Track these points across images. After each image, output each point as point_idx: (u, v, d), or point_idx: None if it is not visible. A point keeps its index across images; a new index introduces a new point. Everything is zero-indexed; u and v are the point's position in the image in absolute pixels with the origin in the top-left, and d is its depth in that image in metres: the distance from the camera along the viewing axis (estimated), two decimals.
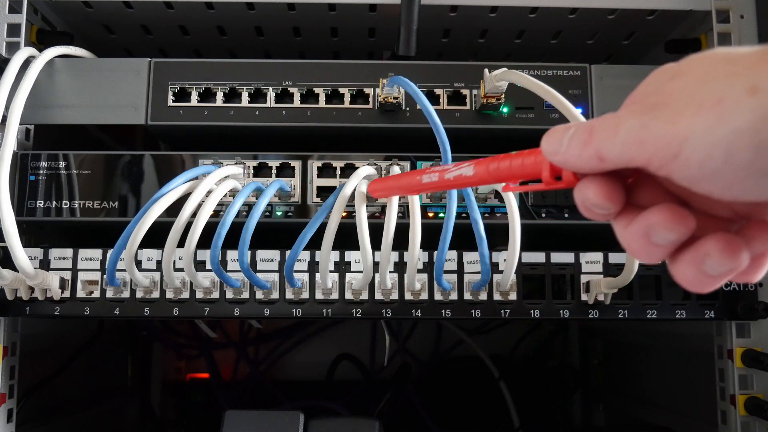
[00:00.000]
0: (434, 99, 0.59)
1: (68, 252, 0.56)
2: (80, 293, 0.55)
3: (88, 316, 0.55)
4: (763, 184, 0.23)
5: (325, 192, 0.58)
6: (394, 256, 0.56)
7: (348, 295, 0.56)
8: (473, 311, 0.56)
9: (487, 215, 0.57)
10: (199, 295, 0.55)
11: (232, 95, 0.59)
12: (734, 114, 0.22)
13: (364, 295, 0.56)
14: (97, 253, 0.56)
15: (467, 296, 0.56)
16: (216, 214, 0.56)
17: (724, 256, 0.25)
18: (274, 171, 0.58)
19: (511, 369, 0.99)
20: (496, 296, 0.56)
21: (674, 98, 0.24)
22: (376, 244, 0.50)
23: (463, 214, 0.52)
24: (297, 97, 0.59)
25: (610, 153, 0.26)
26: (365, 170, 0.54)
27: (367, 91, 0.59)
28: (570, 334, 1.05)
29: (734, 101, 0.22)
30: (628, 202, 0.28)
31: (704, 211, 0.27)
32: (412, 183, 0.41)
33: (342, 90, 0.59)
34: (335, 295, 0.56)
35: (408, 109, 0.59)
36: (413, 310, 0.56)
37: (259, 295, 0.56)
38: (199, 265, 0.55)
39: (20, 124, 0.54)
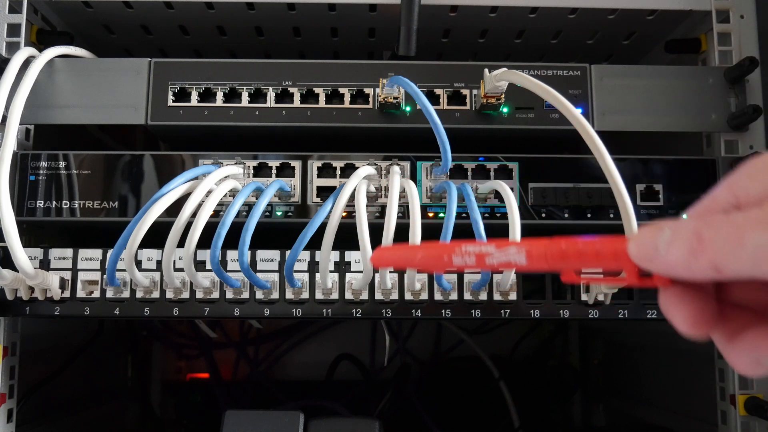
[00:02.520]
0: (434, 99, 0.59)
1: (68, 252, 0.56)
2: (80, 293, 0.55)
3: (88, 316, 0.55)
4: None
5: (325, 192, 0.58)
6: None
7: (348, 295, 0.56)
8: (473, 311, 0.56)
9: (487, 215, 0.57)
10: (199, 295, 0.55)
11: (232, 95, 0.59)
12: None
13: (364, 295, 0.56)
14: (97, 253, 0.56)
15: (467, 296, 0.56)
16: (216, 214, 0.56)
17: None
18: (274, 171, 0.58)
19: (511, 369, 0.99)
20: (496, 296, 0.56)
21: None
22: (376, 244, 0.49)
23: (463, 214, 0.52)
24: (297, 97, 0.59)
25: (731, 266, 0.23)
26: (365, 170, 0.54)
27: (367, 91, 0.59)
28: (570, 334, 1.05)
29: None
30: (721, 298, 0.26)
31: None
32: (438, 262, 0.31)
33: (342, 90, 0.59)
34: (335, 295, 0.56)
35: (408, 108, 0.59)
36: (413, 310, 0.56)
37: (259, 295, 0.56)
38: (199, 265, 0.55)
39: (20, 124, 0.54)
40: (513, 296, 0.56)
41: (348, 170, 0.58)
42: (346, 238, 0.51)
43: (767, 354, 0.25)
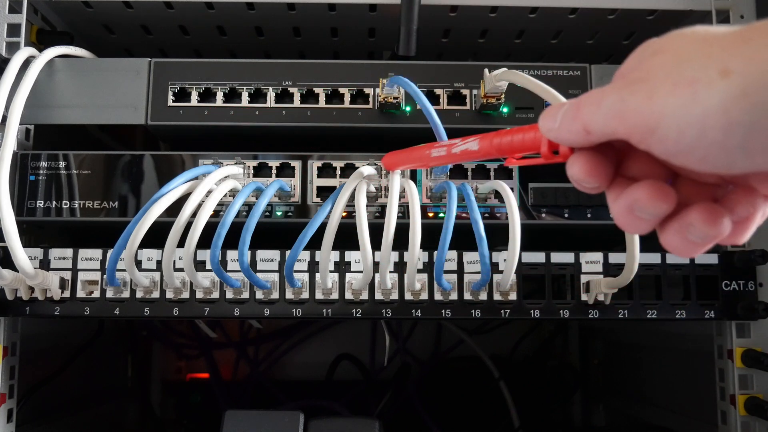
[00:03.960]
0: (434, 99, 0.59)
1: (68, 252, 0.56)
2: (80, 293, 0.55)
3: (88, 316, 0.55)
4: (734, 159, 0.24)
5: (325, 192, 0.58)
6: (394, 256, 0.56)
7: (348, 295, 0.56)
8: (473, 311, 0.56)
9: (487, 215, 0.57)
10: (199, 295, 0.55)
11: (232, 95, 0.59)
12: (706, 95, 0.23)
13: (364, 295, 0.56)
14: (97, 253, 0.56)
15: (467, 296, 0.56)
16: (216, 214, 0.56)
17: (706, 225, 0.27)
18: (274, 171, 0.58)
19: (511, 369, 0.99)
20: (496, 296, 0.56)
21: (652, 75, 0.26)
22: (376, 244, 0.50)
23: (463, 214, 0.52)
24: (297, 97, 0.59)
25: (594, 126, 0.27)
26: (365, 170, 0.54)
27: (367, 91, 0.59)
28: (570, 334, 1.05)
29: (706, 82, 0.23)
30: (620, 174, 0.30)
31: (692, 179, 0.29)
32: (422, 156, 0.44)
33: (342, 90, 0.59)
34: (335, 295, 0.56)
35: (408, 108, 0.59)
36: (413, 310, 0.56)
37: (259, 295, 0.56)
38: (199, 265, 0.55)
39: (20, 124, 0.54)
40: (513, 296, 0.56)
41: (348, 170, 0.58)
42: (346, 238, 0.51)
43: (640, 202, 0.27)
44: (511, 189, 0.53)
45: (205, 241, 0.49)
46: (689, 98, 0.24)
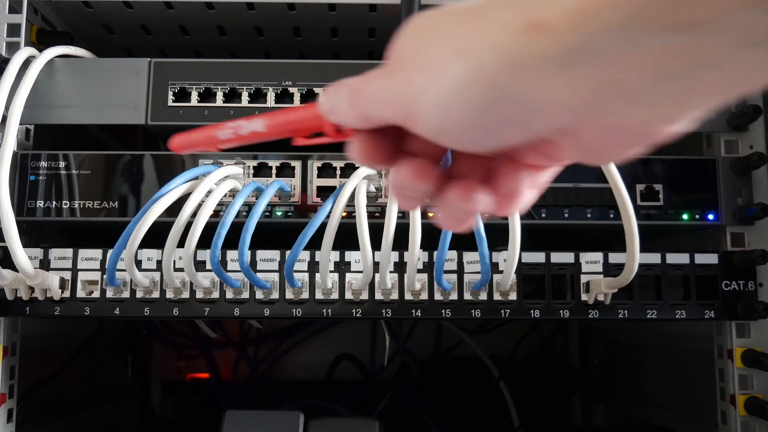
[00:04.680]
0: None
1: (68, 252, 0.56)
2: (80, 293, 0.55)
3: (88, 316, 0.55)
4: (480, 137, 0.25)
5: (325, 192, 0.58)
6: (394, 256, 0.56)
7: (348, 295, 0.56)
8: (473, 311, 0.56)
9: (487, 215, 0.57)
10: (199, 295, 0.55)
11: (232, 95, 0.59)
12: (443, 76, 0.23)
13: (364, 295, 0.56)
14: (97, 253, 0.56)
15: (467, 296, 0.56)
16: (216, 214, 0.56)
17: (461, 201, 0.28)
18: (274, 171, 0.58)
19: (511, 369, 0.99)
20: (496, 296, 0.56)
21: (401, 59, 0.25)
22: (376, 244, 0.50)
23: None
24: (297, 97, 0.59)
25: (370, 114, 0.27)
26: (365, 170, 0.54)
27: None
28: (570, 334, 1.05)
29: (441, 63, 0.23)
30: (402, 150, 0.29)
31: (467, 154, 0.29)
32: (209, 137, 0.39)
33: None
34: (335, 295, 0.56)
35: None
36: (413, 310, 0.56)
37: (259, 295, 0.56)
38: (199, 265, 0.55)
39: (20, 124, 0.54)
40: (513, 296, 0.56)
41: (348, 170, 0.58)
42: (346, 238, 0.51)
43: (405, 182, 0.28)
44: None
45: (205, 241, 0.49)
46: (429, 80, 0.23)
